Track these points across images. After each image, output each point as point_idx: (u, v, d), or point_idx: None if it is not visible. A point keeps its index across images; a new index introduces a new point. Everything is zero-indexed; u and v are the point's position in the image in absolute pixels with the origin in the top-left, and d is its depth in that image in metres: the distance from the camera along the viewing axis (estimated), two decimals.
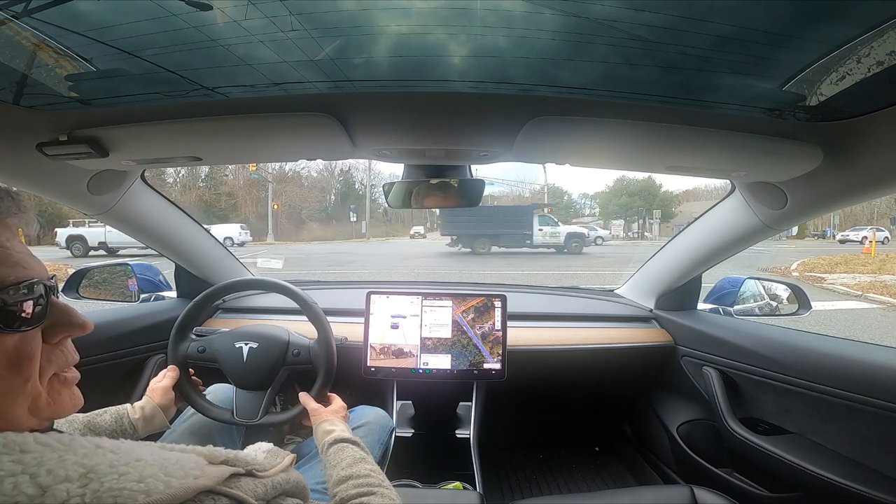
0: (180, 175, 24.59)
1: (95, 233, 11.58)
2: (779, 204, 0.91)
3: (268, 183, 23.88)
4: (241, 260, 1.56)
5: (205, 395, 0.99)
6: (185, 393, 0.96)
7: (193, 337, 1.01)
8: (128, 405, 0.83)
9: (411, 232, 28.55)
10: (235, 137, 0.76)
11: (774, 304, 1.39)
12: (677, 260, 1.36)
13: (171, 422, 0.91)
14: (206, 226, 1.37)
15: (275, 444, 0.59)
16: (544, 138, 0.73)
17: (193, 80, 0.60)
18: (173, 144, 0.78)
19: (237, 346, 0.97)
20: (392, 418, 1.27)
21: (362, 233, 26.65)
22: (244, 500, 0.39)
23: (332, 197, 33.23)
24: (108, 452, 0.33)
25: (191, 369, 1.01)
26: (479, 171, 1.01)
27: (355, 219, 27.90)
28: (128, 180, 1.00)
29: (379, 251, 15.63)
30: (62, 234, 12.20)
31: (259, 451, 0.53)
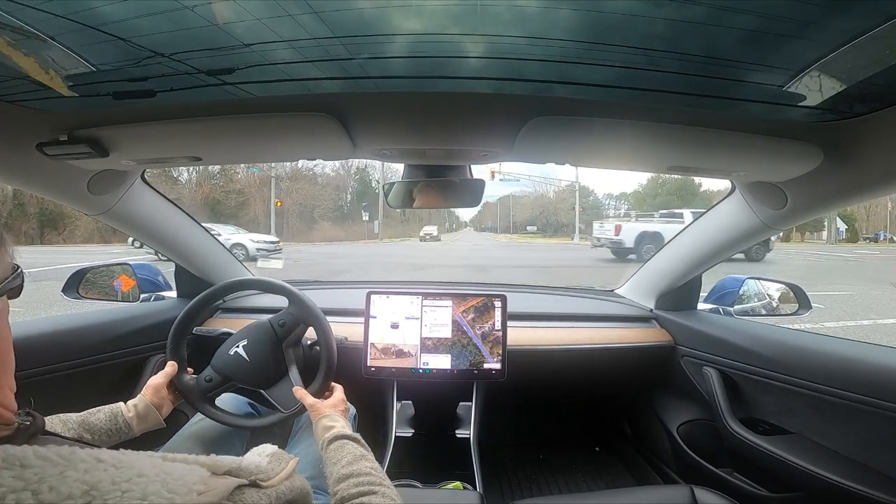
0: (192, 174, 24.05)
1: None
2: (779, 204, 0.91)
3: (270, 178, 23.26)
4: (240, 260, 1.56)
5: (241, 415, 1.00)
6: (220, 419, 0.95)
7: (191, 372, 0.99)
8: (121, 404, 0.83)
9: (421, 233, 26.39)
10: (235, 137, 0.76)
11: (775, 304, 1.39)
12: (677, 260, 1.36)
13: (168, 420, 0.91)
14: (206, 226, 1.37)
15: (281, 440, 0.59)
16: (544, 138, 0.73)
17: (192, 80, 0.60)
18: (173, 144, 0.78)
19: (232, 352, 0.97)
20: (392, 417, 1.27)
21: (375, 233, 25.49)
22: None
23: (349, 196, 32.12)
24: (109, 467, 0.33)
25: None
26: (502, 166, 1.01)
27: (367, 218, 26.66)
28: (128, 180, 1.00)
29: (384, 256, 13.73)
30: None
31: (263, 454, 0.53)
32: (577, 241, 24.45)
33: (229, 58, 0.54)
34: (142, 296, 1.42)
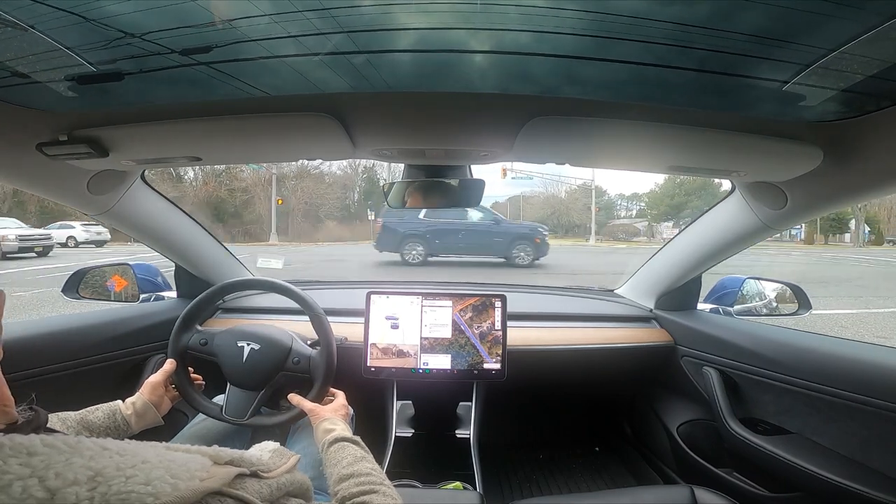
0: (198, 172, 23.47)
1: None
2: (779, 204, 0.91)
3: (272, 175, 22.77)
4: (241, 260, 1.56)
5: (198, 389, 1.00)
6: (180, 384, 0.96)
7: (199, 328, 1.02)
8: (119, 401, 0.84)
9: None
10: (235, 137, 0.76)
11: (775, 304, 1.39)
12: (677, 260, 1.36)
13: (168, 420, 0.92)
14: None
15: (280, 441, 0.59)
16: (544, 138, 0.73)
17: (194, 80, 0.60)
18: (173, 144, 0.78)
19: (239, 345, 0.98)
20: (392, 417, 1.27)
21: None
22: (249, 501, 0.39)
23: (356, 195, 31.25)
24: (114, 454, 0.34)
25: (190, 367, 1.02)
26: (514, 164, 1.02)
27: (374, 217, 26.09)
28: (128, 180, 1.01)
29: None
30: None
31: (265, 450, 0.54)
32: (594, 242, 23.55)
33: (229, 59, 0.54)
34: (142, 296, 1.43)
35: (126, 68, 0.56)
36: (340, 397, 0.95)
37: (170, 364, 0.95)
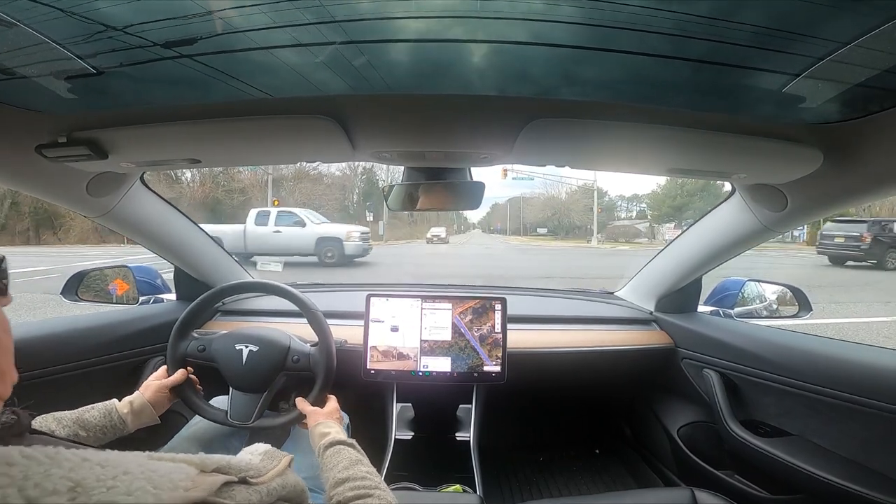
0: (195, 173, 23.40)
1: None
2: (779, 206, 0.92)
3: (268, 175, 22.63)
4: (239, 262, 1.56)
5: (201, 395, 1.00)
6: (183, 394, 0.96)
7: (195, 335, 1.02)
8: (115, 400, 0.84)
9: (428, 235, 25.37)
10: (234, 140, 0.76)
11: (775, 306, 1.39)
12: (677, 262, 1.36)
13: (166, 421, 0.91)
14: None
15: (279, 442, 0.59)
16: (544, 140, 0.73)
17: (193, 81, 0.60)
18: (172, 146, 0.77)
19: (237, 348, 0.97)
20: (392, 420, 1.27)
21: (380, 234, 24.21)
22: None
23: (355, 196, 31.36)
24: (94, 465, 0.33)
25: (189, 368, 1.01)
26: (514, 165, 1.01)
27: (372, 218, 25.52)
28: (127, 182, 1.00)
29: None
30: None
31: (255, 453, 0.53)
32: (596, 243, 23.43)
33: (228, 61, 0.54)
34: (141, 298, 1.42)
35: (111, 63, 0.55)
36: (333, 401, 0.95)
37: (180, 374, 0.94)
